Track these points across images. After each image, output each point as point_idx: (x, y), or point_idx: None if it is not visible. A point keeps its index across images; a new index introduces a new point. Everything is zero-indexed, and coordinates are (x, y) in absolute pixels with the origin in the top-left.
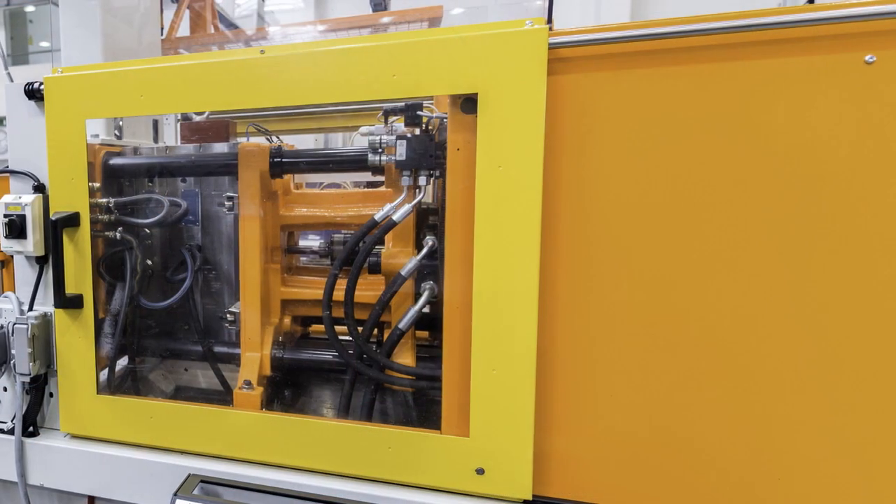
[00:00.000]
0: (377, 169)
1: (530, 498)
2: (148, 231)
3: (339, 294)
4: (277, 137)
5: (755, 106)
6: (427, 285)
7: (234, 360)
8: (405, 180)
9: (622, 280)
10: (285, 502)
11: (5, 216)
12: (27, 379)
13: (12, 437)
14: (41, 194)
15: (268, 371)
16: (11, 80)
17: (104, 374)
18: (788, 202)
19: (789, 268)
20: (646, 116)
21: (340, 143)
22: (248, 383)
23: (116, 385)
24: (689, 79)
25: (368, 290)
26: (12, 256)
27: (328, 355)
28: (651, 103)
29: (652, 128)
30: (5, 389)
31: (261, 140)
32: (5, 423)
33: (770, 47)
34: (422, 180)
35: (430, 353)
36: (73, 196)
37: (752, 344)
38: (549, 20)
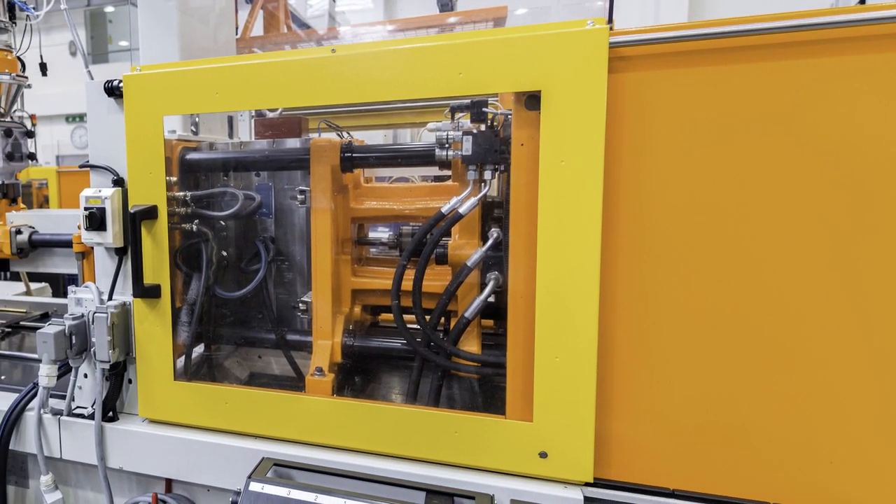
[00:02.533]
0: (444, 163)
1: (591, 480)
2: (223, 223)
3: (407, 284)
4: (348, 133)
5: (807, 104)
6: (492, 276)
7: (307, 347)
8: (471, 174)
9: (679, 273)
10: (356, 485)
11: (86, 209)
12: (107, 366)
13: (92, 422)
14: (120, 188)
15: (339, 358)
16: (92, 78)
17: (181, 361)
18: (839, 199)
19: (840, 263)
20: (701, 113)
21: (409, 138)
22: (320, 370)
23: (193, 372)
24: (744, 77)
25: (436, 280)
26: (93, 248)
27: (397, 343)
28: (707, 101)
29: (707, 124)
30: (86, 376)
31: (332, 136)
32: (86, 408)
33: (822, 46)
34: (487, 174)
35: (495, 340)
36: (151, 189)
37: (803, 336)
38: (610, 20)
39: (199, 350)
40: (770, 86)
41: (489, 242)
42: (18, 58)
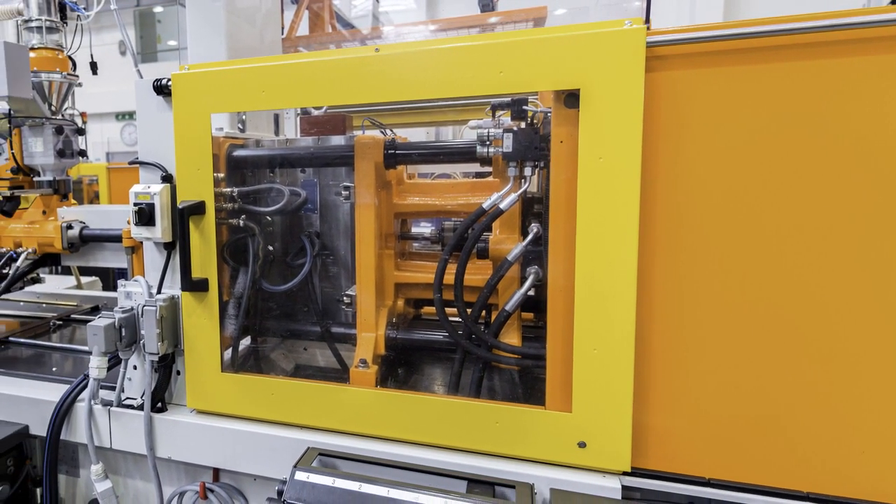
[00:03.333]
0: (485, 160)
1: (629, 469)
2: (269, 218)
3: (448, 278)
4: (391, 130)
5: (839, 102)
6: (532, 270)
7: (351, 339)
8: (511, 171)
9: (713, 268)
10: (399, 474)
11: (135, 205)
12: (156, 358)
13: (142, 413)
14: (169, 184)
15: (382, 350)
16: (141, 77)
17: (228, 353)
18: (870, 196)
19: (871, 259)
20: (736, 111)
21: (450, 135)
22: (364, 362)
23: (240, 363)
24: (777, 76)
25: (477, 274)
26: (142, 243)
27: (439, 335)
28: (741, 99)
29: (741, 122)
30: (135, 368)
31: (375, 133)
32: (135, 399)
33: (855, 46)
34: (527, 171)
35: (535, 333)
36: (198, 186)
37: (835, 329)
38: (647, 20)
39: (245, 342)
40: (803, 84)
41: (529, 237)
42: (69, 57)
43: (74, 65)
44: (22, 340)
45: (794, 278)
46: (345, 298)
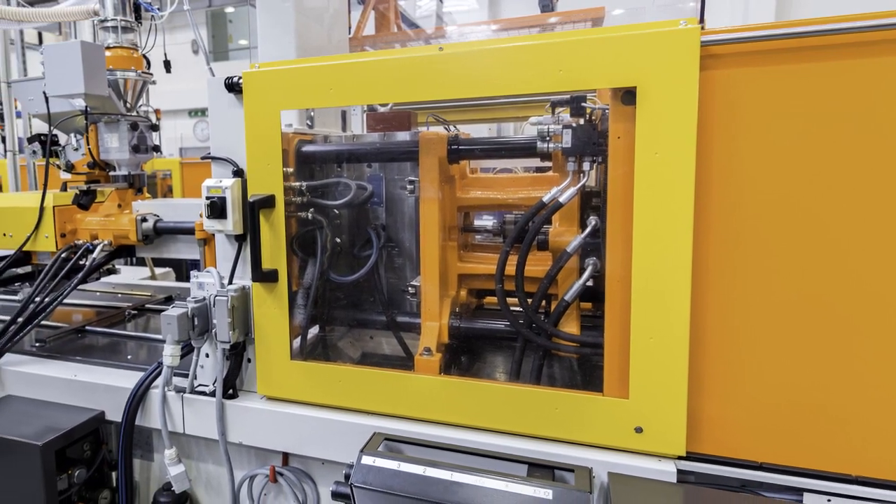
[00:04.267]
0: (545, 155)
1: (684, 454)
2: (336, 212)
3: (509, 269)
4: (454, 126)
5: (888, 100)
6: (590, 261)
7: (415, 328)
8: (570, 165)
9: (766, 261)
10: (462, 458)
11: (207, 198)
12: (227, 346)
13: (214, 399)
14: (240, 178)
15: (446, 339)
16: (213, 75)
17: (297, 341)
18: None
19: None
20: (788, 108)
21: (512, 131)
22: (428, 350)
23: (308, 351)
24: (828, 74)
25: (537, 265)
26: (214, 235)
27: (500, 324)
28: (793, 96)
29: (793, 119)
30: (207, 356)
31: (439, 129)
32: (207, 386)
33: None
34: (585, 165)
35: (593, 322)
36: (268, 180)
37: (885, 320)
38: (702, 20)
39: (314, 331)
40: (853, 82)
41: (587, 230)
42: (144, 56)
43: (149, 63)
44: (98, 329)
45: (843, 270)
46: (409, 289)
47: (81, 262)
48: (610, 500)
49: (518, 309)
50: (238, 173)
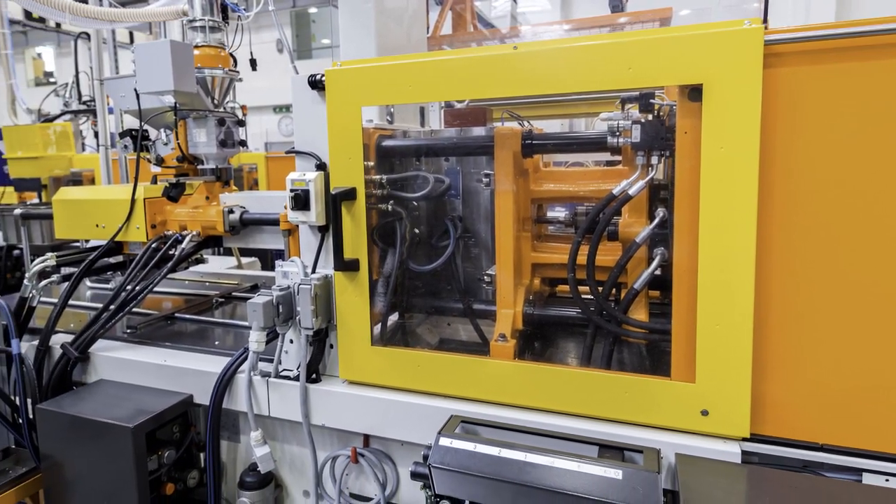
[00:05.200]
0: (615, 150)
1: (748, 436)
2: (415, 204)
3: (581, 259)
4: (528, 122)
5: None
6: (658, 251)
7: (491, 315)
8: (639, 159)
9: (826, 250)
10: (535, 440)
11: (291, 191)
12: (310, 332)
13: (298, 383)
14: (322, 172)
15: (520, 325)
16: (297, 73)
17: (377, 328)
18: None
19: None
20: (849, 105)
21: (583, 127)
22: (503, 336)
23: (388, 337)
24: (888, 71)
25: (607, 255)
26: (297, 226)
27: (572, 312)
28: (854, 93)
29: (854, 115)
30: (291, 342)
31: (514, 124)
32: (291, 370)
33: None
34: (654, 159)
35: (661, 309)
36: (350, 173)
37: None
38: (765, 20)
39: (393, 318)
40: None
41: (656, 221)
42: (231, 54)
43: (235, 61)
44: (187, 316)
45: None
46: (485, 277)
47: (171, 252)
48: (677, 480)
49: (589, 297)
50: (321, 167)
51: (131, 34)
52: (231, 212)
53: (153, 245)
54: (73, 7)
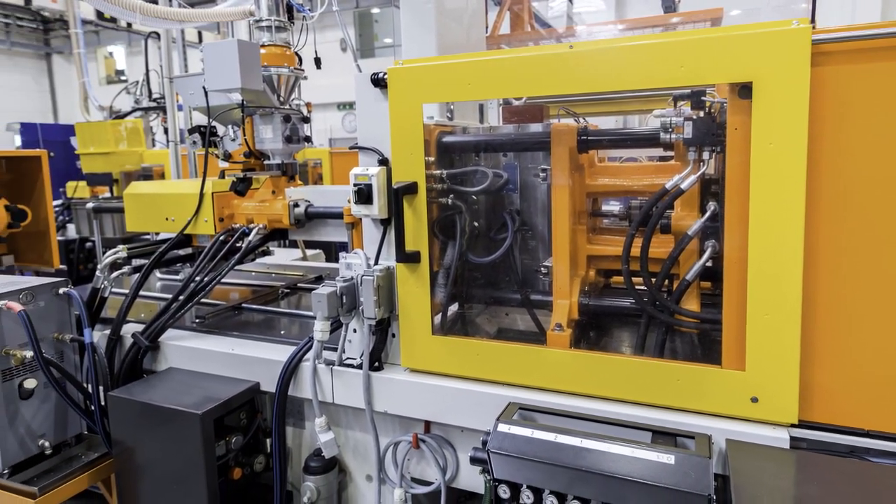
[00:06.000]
0: (668, 145)
1: (796, 422)
2: (474, 197)
3: (634, 251)
4: (584, 119)
5: None
6: (709, 243)
7: (547, 306)
8: (691, 155)
9: (872, 244)
10: (590, 426)
11: (355, 185)
12: (373, 322)
13: (361, 371)
14: (385, 167)
15: (575, 315)
16: (360, 72)
17: (437, 317)
18: None
19: None
20: (893, 104)
21: (636, 123)
22: (559, 326)
23: (448, 327)
24: None
25: (660, 247)
26: (361, 219)
27: (626, 302)
28: None
29: None
30: (355, 331)
31: (569, 121)
32: (354, 359)
33: None
34: (705, 155)
35: (712, 300)
36: (411, 168)
37: None
38: (813, 20)
39: (453, 308)
40: None
41: (707, 214)
42: (296, 53)
43: (300, 60)
44: (254, 307)
45: None
46: (542, 269)
47: (238, 245)
48: (728, 465)
49: (643, 288)
50: (383, 162)
51: (200, 34)
52: (296, 205)
53: (221, 237)
54: (143, 7)
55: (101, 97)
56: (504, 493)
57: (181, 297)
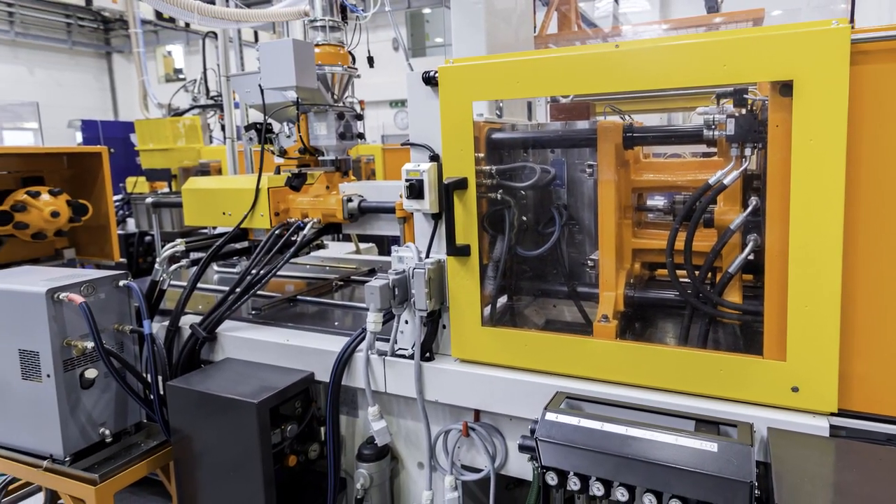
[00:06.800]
0: (711, 142)
1: (836, 411)
2: (523, 193)
3: (678, 244)
4: (629, 116)
5: None
6: (751, 237)
7: (594, 298)
8: (734, 151)
9: None
10: (635, 414)
11: (407, 181)
12: (424, 314)
13: (412, 362)
14: (436, 163)
15: (621, 307)
16: (412, 70)
17: (487, 309)
18: None
19: None
20: None
21: (680, 120)
22: (605, 317)
23: (497, 318)
24: None
25: (703, 241)
26: (412, 213)
27: (670, 294)
28: None
29: None
30: (406, 322)
31: (615, 118)
32: (406, 349)
33: None
34: (747, 151)
35: (754, 292)
36: (461, 164)
37: None
38: (851, 20)
39: (502, 300)
40: None
41: (749, 209)
42: (349, 52)
43: (353, 59)
44: (308, 299)
45: None
46: (589, 262)
47: (293, 238)
48: (769, 452)
49: (686, 280)
50: (434, 158)
51: (256, 33)
52: (350, 200)
53: (276, 231)
54: (201, 7)
55: (160, 95)
56: (552, 479)
57: (238, 290)
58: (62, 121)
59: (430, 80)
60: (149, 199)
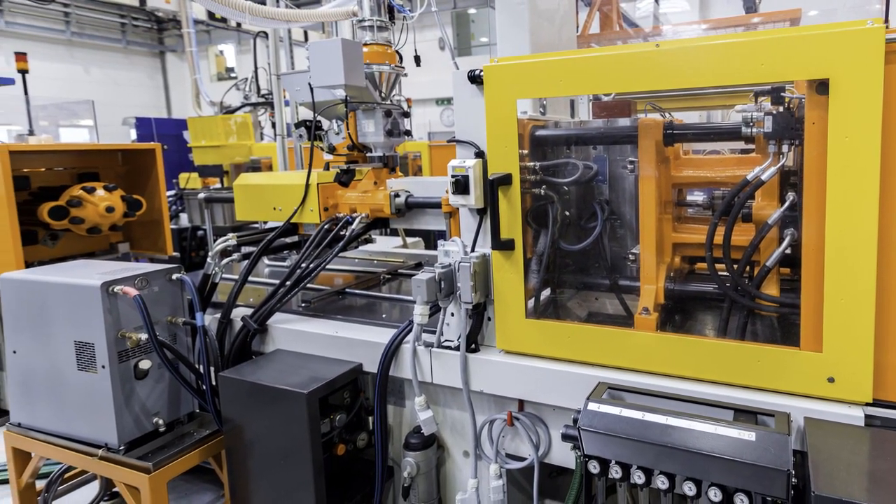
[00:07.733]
0: (749, 139)
1: (871, 401)
2: (566, 188)
3: (717, 238)
4: (669, 114)
5: None
6: (788, 231)
7: (635, 291)
8: (771, 148)
9: None
10: (675, 404)
11: (452, 177)
12: (469, 306)
13: (458, 353)
14: (481, 159)
15: (661, 300)
16: (458, 69)
17: (531, 302)
18: None
19: None
20: None
21: (719, 118)
22: (646, 310)
23: (541, 311)
24: None
25: (741, 235)
26: (458, 209)
27: (709, 287)
28: None
29: None
30: (452, 314)
31: (656, 116)
32: (452, 341)
33: None
34: (784, 148)
35: (791, 285)
36: (506, 160)
37: None
38: (886, 20)
39: (546, 293)
40: None
41: (786, 204)
42: (397, 51)
43: (401, 58)
44: (357, 291)
45: None
46: (630, 256)
47: (342, 233)
48: (806, 442)
49: (725, 273)
50: (479, 155)
51: (306, 33)
52: (397, 196)
53: (326, 226)
54: (252, 8)
55: (212, 93)
56: (594, 468)
57: (288, 283)
58: (117, 118)
59: (475, 79)
60: (201, 195)
